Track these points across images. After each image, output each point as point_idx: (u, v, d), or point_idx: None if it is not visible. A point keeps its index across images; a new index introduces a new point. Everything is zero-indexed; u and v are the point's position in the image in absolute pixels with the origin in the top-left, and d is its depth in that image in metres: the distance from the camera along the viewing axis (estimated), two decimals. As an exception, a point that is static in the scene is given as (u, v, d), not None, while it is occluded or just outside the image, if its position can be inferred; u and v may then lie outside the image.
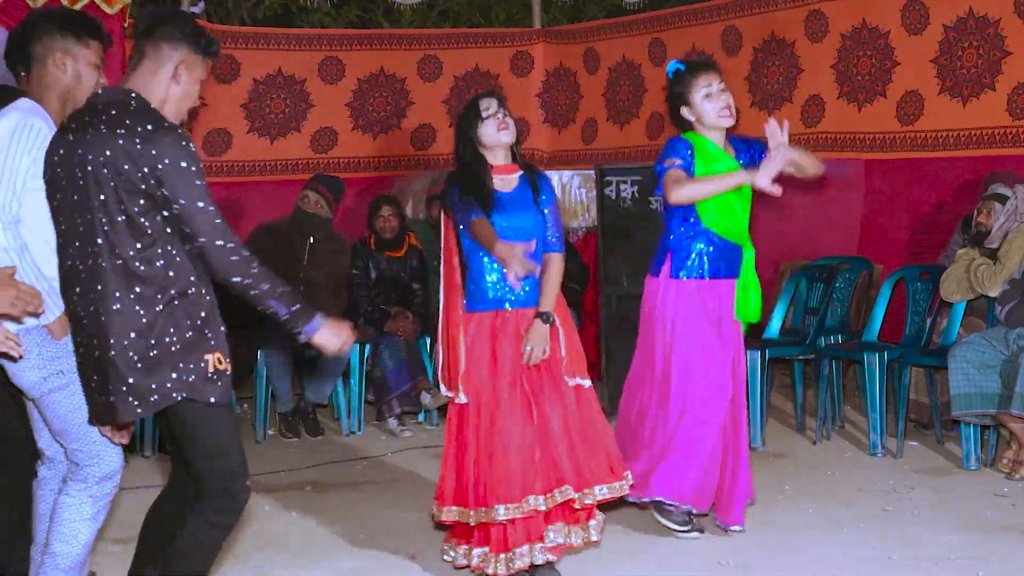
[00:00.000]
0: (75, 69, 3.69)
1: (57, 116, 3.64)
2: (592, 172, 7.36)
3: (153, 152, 3.18)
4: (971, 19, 6.67)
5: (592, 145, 8.82)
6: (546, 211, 4.38)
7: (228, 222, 3.30)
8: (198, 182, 3.22)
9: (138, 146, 3.18)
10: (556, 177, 8.13)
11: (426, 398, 6.66)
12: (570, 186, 8.06)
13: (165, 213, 3.22)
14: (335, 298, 6.88)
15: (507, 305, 4.30)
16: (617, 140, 8.64)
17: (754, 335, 6.94)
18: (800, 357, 6.52)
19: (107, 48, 3.82)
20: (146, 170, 3.18)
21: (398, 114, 8.49)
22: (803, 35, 7.50)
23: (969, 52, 6.69)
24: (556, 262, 4.34)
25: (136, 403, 3.25)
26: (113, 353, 3.23)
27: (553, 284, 4.32)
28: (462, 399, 4.26)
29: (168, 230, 3.24)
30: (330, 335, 3.41)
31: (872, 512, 5.08)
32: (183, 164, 3.20)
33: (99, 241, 3.24)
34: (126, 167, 3.18)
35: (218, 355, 3.30)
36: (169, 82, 3.37)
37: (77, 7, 6.29)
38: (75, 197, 3.28)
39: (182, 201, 3.19)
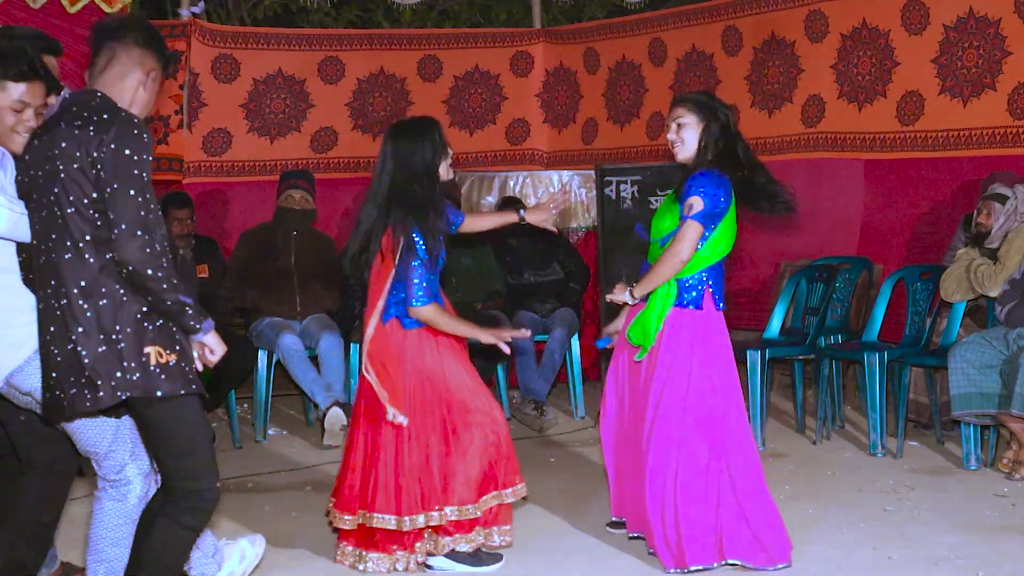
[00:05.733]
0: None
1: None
2: (592, 172, 7.36)
3: (102, 137, 3.26)
4: (971, 19, 6.67)
5: (592, 145, 8.82)
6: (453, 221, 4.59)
7: (227, 221, 3.34)
8: (136, 171, 3.26)
9: (91, 133, 3.27)
10: (556, 177, 8.14)
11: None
12: (570, 186, 8.06)
13: (95, 195, 3.27)
14: (327, 292, 6.88)
15: None
16: (617, 140, 8.64)
17: (754, 335, 6.97)
18: (800, 357, 6.51)
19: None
20: (94, 155, 3.25)
21: (398, 114, 8.47)
22: (803, 35, 7.50)
23: (969, 52, 6.69)
24: (470, 215, 4.82)
25: (88, 397, 3.31)
26: (70, 347, 3.31)
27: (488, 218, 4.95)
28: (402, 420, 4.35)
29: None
30: (217, 341, 3.46)
31: (872, 512, 5.08)
32: (126, 151, 3.26)
33: (53, 236, 3.34)
34: (77, 154, 3.27)
35: (158, 348, 3.33)
36: (138, 87, 3.45)
37: (76, 8, 6.29)
38: (38, 195, 3.38)
39: (115, 184, 3.25)
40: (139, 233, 3.25)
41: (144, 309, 3.33)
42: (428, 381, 4.40)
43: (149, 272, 3.27)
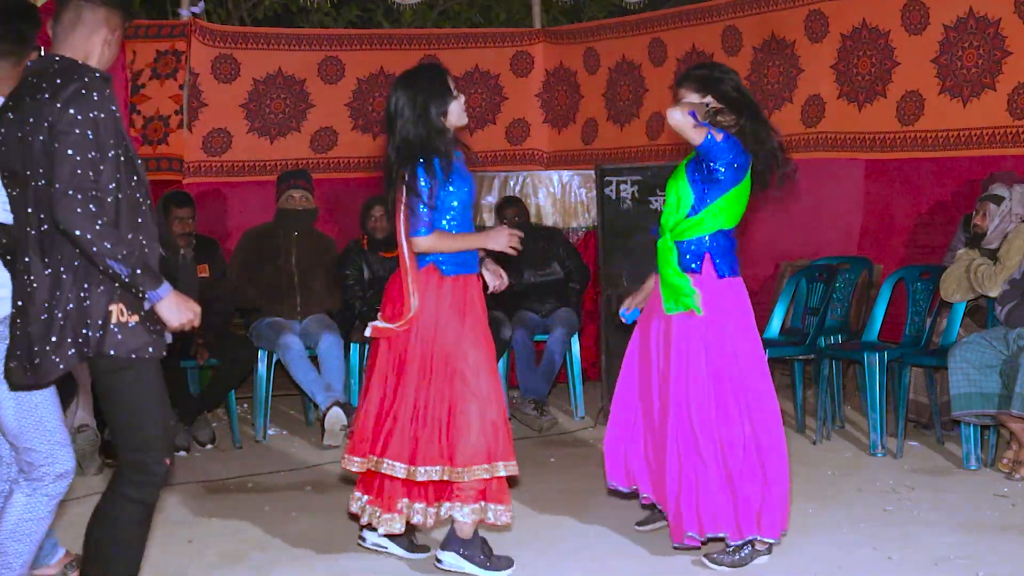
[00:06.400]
0: None
1: None
2: (592, 172, 7.37)
3: (56, 102, 3.26)
4: (971, 19, 6.67)
5: (592, 145, 8.82)
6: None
7: (227, 221, 3.33)
8: (78, 130, 3.25)
9: (47, 98, 3.27)
10: (556, 177, 8.15)
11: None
12: (570, 186, 8.06)
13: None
14: (329, 294, 6.89)
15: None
16: (617, 140, 8.64)
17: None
18: (800, 357, 6.51)
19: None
20: (50, 119, 3.26)
21: (398, 114, 8.48)
22: (803, 35, 7.50)
23: (969, 52, 6.69)
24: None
25: (56, 360, 3.31)
26: (41, 315, 3.31)
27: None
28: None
29: None
30: (173, 309, 3.37)
31: (872, 512, 5.08)
32: (71, 110, 3.26)
33: (28, 210, 3.34)
34: (43, 125, 3.26)
35: (121, 306, 3.32)
36: (103, 46, 3.46)
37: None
38: (17, 169, 3.37)
39: (56, 144, 3.25)
40: (70, 192, 3.22)
41: None
42: (449, 340, 4.35)
43: (77, 233, 3.22)
